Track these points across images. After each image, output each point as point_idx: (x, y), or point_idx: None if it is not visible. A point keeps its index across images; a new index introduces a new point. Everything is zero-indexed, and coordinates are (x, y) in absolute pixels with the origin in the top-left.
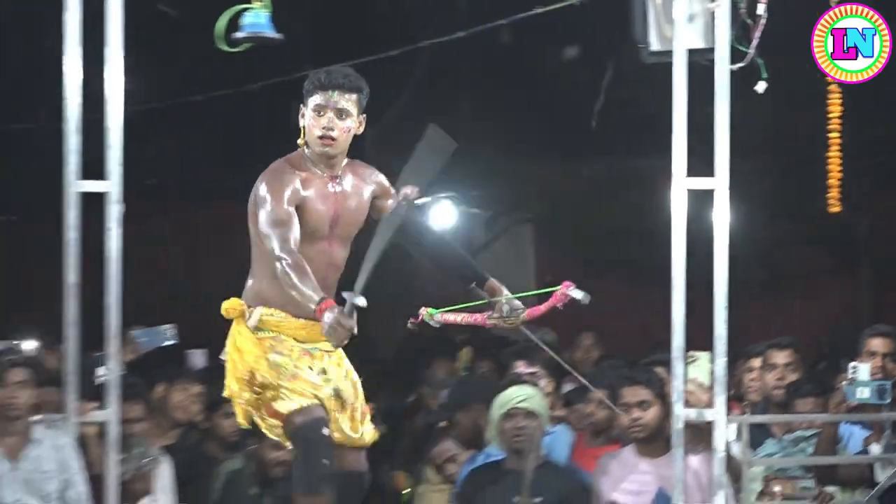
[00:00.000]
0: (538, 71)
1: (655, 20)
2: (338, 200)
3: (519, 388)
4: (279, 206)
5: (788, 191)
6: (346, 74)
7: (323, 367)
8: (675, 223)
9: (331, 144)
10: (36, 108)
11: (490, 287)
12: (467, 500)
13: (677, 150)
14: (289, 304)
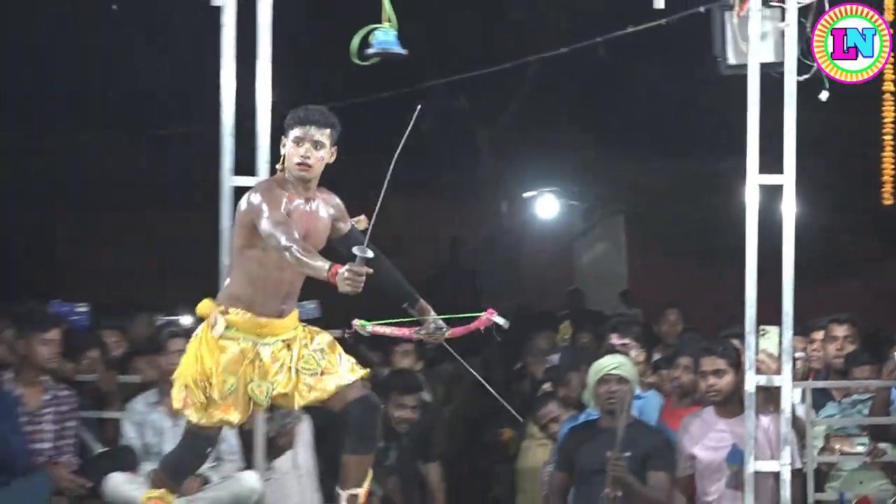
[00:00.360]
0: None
1: (732, 37)
2: (310, 219)
3: (612, 357)
4: (277, 211)
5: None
6: (321, 112)
7: (274, 354)
8: (749, 214)
9: (307, 170)
10: (197, 113)
11: (420, 307)
12: (567, 454)
13: (751, 151)
14: (255, 305)
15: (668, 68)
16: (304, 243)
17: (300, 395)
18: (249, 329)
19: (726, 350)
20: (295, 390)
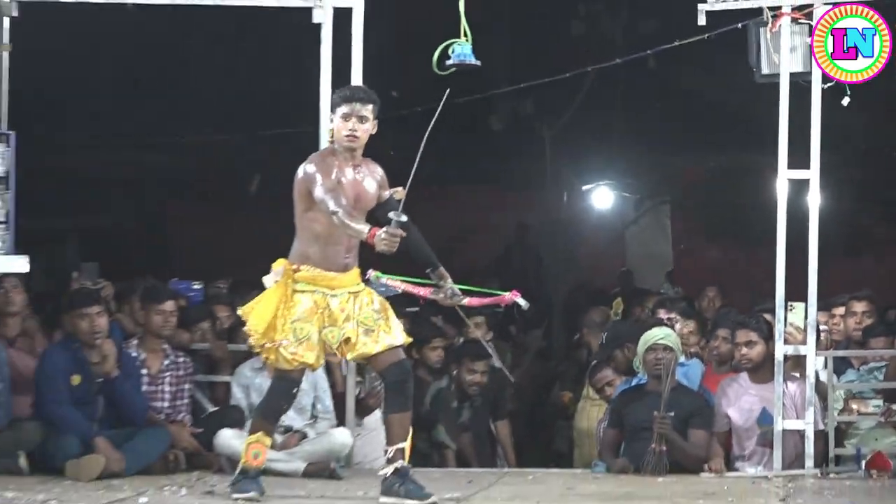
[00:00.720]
0: (674, 89)
1: (766, 50)
2: (359, 185)
3: (659, 329)
4: (328, 179)
5: (863, 179)
6: (364, 90)
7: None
8: (779, 204)
9: (355, 141)
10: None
11: (439, 273)
12: (619, 414)
13: (781, 148)
14: (323, 262)
15: (709, 76)
16: (349, 208)
17: (356, 347)
18: (320, 282)
19: (758, 324)
20: (355, 340)
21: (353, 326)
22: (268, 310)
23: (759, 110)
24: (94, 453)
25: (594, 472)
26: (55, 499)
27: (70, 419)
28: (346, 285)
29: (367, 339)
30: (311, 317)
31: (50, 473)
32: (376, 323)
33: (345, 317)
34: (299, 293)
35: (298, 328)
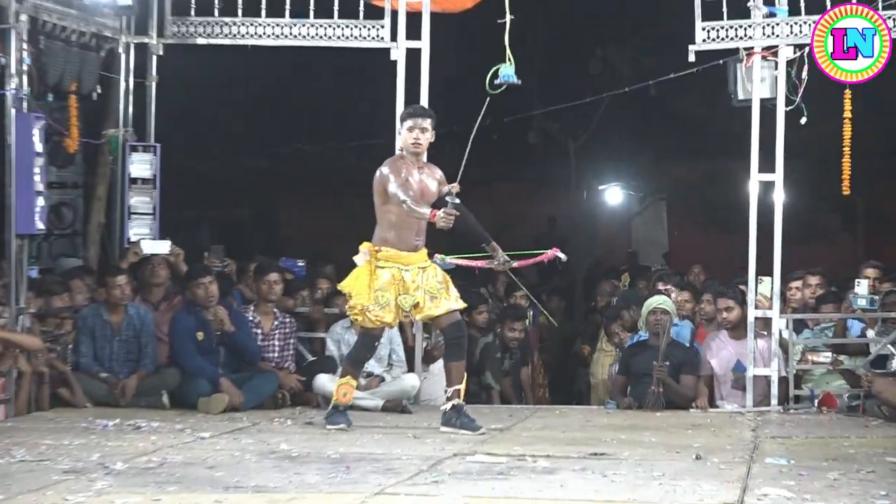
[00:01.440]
0: (670, 110)
1: (741, 80)
2: (423, 183)
3: (658, 297)
4: (398, 177)
5: (818, 181)
6: (424, 108)
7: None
8: (751, 200)
9: (419, 148)
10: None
11: (492, 246)
12: (626, 362)
13: (753, 156)
14: (398, 244)
15: (697, 101)
16: (416, 196)
17: (423, 309)
18: (396, 260)
19: (735, 293)
20: (423, 304)
21: (421, 294)
22: (358, 282)
23: (735, 127)
24: (219, 392)
25: (607, 409)
26: (190, 428)
27: (199, 367)
28: (416, 262)
29: (432, 304)
30: (390, 287)
31: (185, 408)
32: (439, 291)
33: (415, 286)
34: (380, 269)
35: (380, 296)
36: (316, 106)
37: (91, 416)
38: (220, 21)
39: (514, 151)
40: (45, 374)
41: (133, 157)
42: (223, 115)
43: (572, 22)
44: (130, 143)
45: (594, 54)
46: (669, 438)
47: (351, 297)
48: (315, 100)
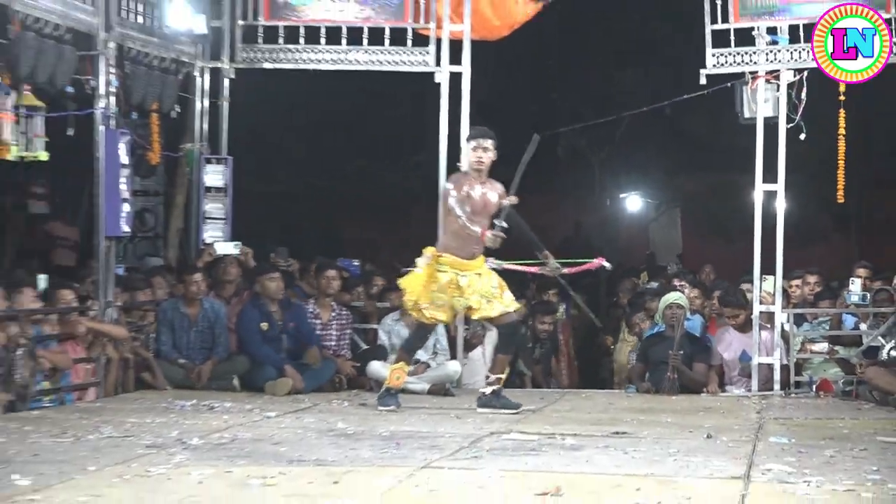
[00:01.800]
0: (683, 128)
1: (747, 101)
2: (485, 196)
3: (674, 293)
4: (460, 192)
5: (817, 190)
6: (486, 130)
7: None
8: (756, 207)
9: (481, 166)
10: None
11: (545, 254)
12: (644, 352)
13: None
14: (458, 251)
15: (708, 119)
16: (472, 214)
17: (479, 311)
18: (455, 266)
19: (738, 301)
20: (478, 307)
21: (476, 298)
22: (418, 282)
23: (742, 142)
24: (284, 377)
25: (627, 393)
26: (258, 408)
27: (265, 354)
28: (473, 268)
29: (488, 306)
30: (446, 289)
31: (254, 391)
32: (493, 295)
33: (471, 290)
34: (440, 272)
35: (436, 297)
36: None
37: (170, 398)
38: (285, 48)
39: (544, 164)
40: (131, 360)
41: (207, 168)
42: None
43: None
44: (205, 156)
45: (611, 77)
46: (683, 419)
47: (409, 295)
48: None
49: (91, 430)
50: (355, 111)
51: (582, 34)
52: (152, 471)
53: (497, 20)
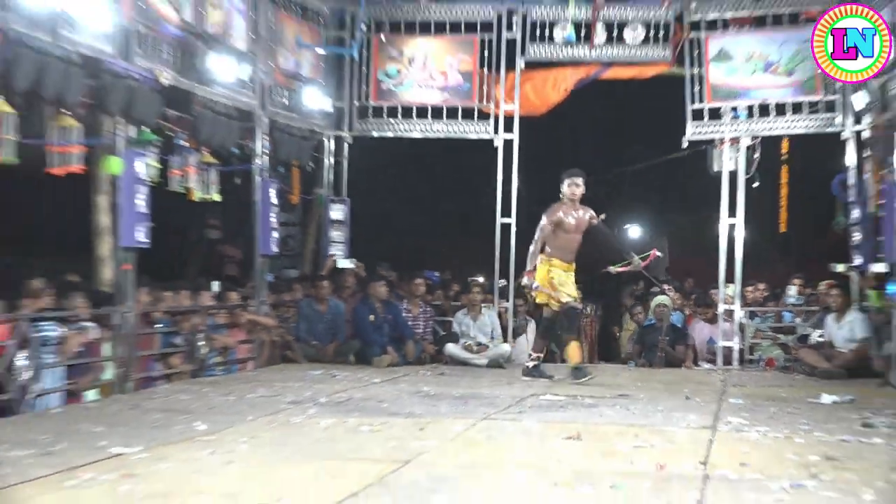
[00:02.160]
0: (670, 179)
1: (716, 158)
2: (578, 218)
3: (662, 296)
4: (551, 218)
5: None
6: (579, 170)
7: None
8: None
9: (575, 197)
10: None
11: (630, 255)
12: (641, 338)
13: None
14: (560, 257)
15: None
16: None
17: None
18: (561, 267)
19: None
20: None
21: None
22: (541, 277)
23: (713, 188)
24: (385, 354)
25: (629, 367)
26: (367, 376)
27: (372, 339)
28: (571, 270)
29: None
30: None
31: (364, 364)
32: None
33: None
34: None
35: (557, 283)
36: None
37: (305, 369)
38: (387, 121)
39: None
40: (278, 342)
41: (332, 206)
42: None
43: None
44: (330, 198)
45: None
46: (668, 386)
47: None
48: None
49: (249, 391)
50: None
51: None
52: (292, 420)
53: (538, 101)
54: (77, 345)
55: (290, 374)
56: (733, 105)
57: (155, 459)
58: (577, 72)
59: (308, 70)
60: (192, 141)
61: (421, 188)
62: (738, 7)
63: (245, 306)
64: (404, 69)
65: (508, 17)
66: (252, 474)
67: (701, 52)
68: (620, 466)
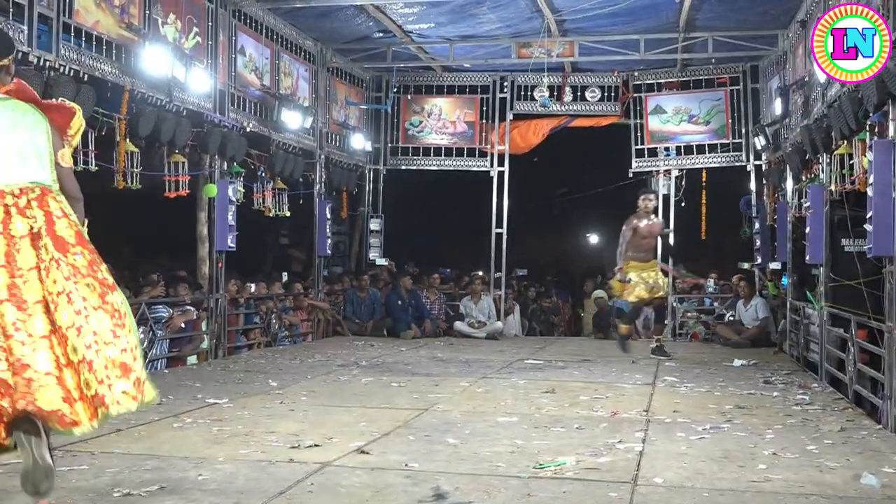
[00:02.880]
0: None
1: (654, 184)
2: (651, 225)
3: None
4: (629, 226)
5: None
6: (652, 189)
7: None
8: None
9: (648, 208)
10: (481, 211)
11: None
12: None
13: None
14: (636, 258)
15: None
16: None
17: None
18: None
19: None
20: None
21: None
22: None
23: None
24: (410, 329)
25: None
26: (396, 346)
27: (400, 318)
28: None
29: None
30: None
31: (394, 337)
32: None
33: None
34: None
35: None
36: (457, 198)
37: (350, 340)
38: (412, 158)
39: (545, 216)
40: (330, 321)
41: (371, 220)
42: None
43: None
44: (370, 213)
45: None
46: (620, 353)
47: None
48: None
49: (308, 356)
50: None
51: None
52: (340, 378)
53: (522, 143)
54: (181, 322)
55: (339, 344)
56: (666, 146)
57: (238, 407)
58: (551, 122)
59: (354, 120)
60: (268, 172)
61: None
62: (668, 76)
63: (306, 294)
64: (424, 120)
65: (501, 82)
66: (310, 419)
67: (642, 108)
68: (584, 413)
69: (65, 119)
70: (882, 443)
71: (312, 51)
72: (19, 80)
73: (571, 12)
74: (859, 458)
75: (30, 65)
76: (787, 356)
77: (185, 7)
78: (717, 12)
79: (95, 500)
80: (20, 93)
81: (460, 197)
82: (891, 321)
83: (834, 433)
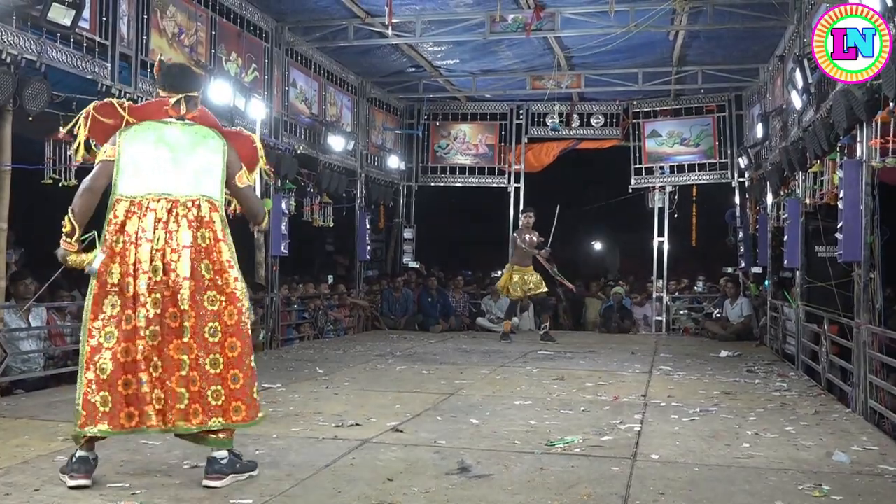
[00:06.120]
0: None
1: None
2: (531, 238)
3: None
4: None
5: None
6: (530, 207)
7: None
8: (654, 248)
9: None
10: (498, 221)
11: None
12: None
13: (656, 231)
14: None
15: (633, 207)
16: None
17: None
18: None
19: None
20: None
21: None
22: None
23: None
24: (438, 324)
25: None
26: (425, 339)
27: (430, 314)
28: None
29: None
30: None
31: (424, 331)
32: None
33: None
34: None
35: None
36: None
37: (386, 333)
38: (440, 176)
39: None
40: (369, 316)
41: (405, 230)
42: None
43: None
44: (403, 224)
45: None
46: (621, 345)
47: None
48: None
49: (350, 348)
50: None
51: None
52: (378, 366)
53: (536, 163)
54: None
55: (376, 337)
56: (661, 165)
57: (289, 391)
58: (561, 144)
59: (390, 143)
60: (316, 188)
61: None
62: (663, 104)
63: (349, 293)
64: (451, 143)
65: (517, 110)
66: (352, 401)
67: (640, 132)
68: (589, 397)
69: (245, 145)
70: (851, 424)
71: (354, 83)
72: (203, 108)
73: (579, 49)
74: (831, 437)
75: (112, 96)
76: (768, 348)
77: (246, 46)
78: (705, 48)
79: (168, 471)
80: (204, 119)
81: (482, 210)
82: (859, 318)
83: (809, 416)
